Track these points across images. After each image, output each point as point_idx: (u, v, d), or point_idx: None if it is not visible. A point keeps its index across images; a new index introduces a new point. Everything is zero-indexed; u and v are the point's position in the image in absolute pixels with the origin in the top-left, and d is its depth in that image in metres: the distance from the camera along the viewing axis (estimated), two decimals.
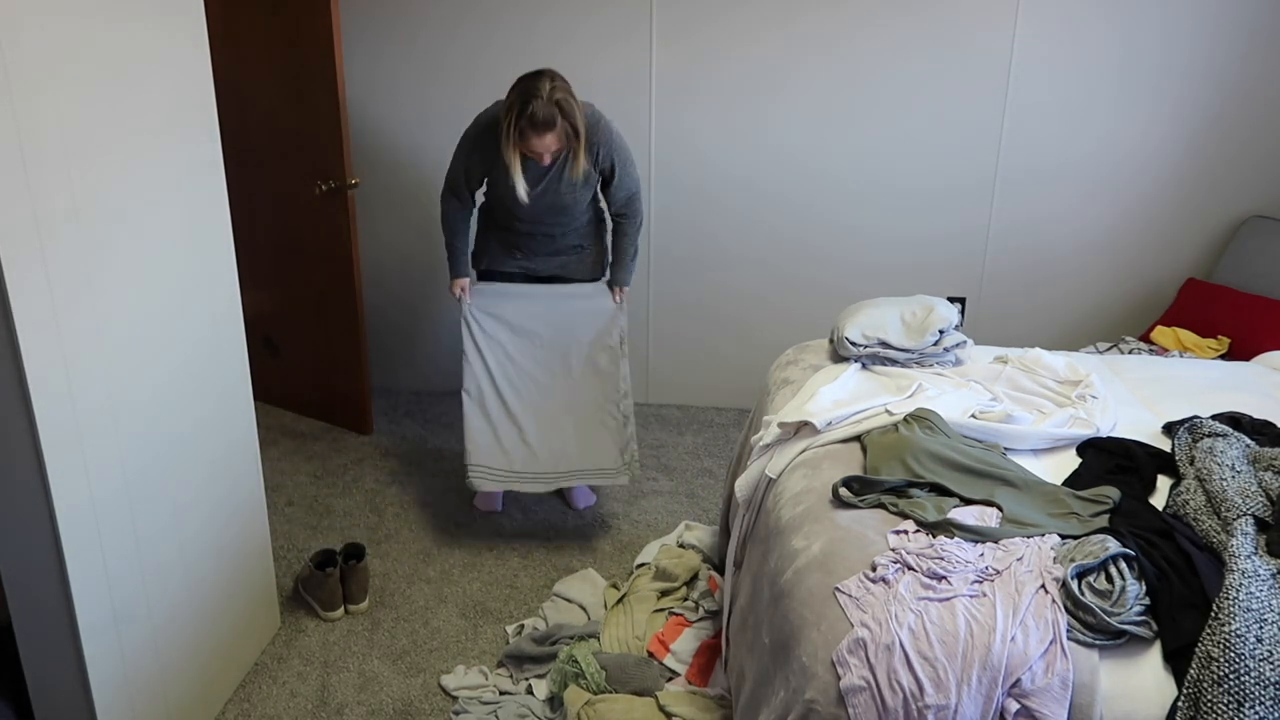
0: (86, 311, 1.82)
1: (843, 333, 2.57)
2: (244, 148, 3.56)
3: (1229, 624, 1.50)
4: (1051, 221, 3.70)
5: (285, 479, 3.46)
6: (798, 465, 2.13)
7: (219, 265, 2.28)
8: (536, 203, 2.84)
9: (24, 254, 1.65)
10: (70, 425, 1.79)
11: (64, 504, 1.79)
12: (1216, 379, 2.62)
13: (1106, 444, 2.15)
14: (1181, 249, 3.72)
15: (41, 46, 1.66)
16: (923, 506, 1.88)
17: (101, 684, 1.95)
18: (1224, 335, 3.34)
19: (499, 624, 2.72)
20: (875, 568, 1.71)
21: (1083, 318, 3.84)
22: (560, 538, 3.13)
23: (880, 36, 3.50)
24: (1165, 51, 3.46)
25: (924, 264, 3.78)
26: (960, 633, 1.56)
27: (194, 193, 2.16)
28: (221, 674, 2.39)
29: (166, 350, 2.09)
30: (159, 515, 2.10)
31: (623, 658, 2.43)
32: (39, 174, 1.67)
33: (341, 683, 2.49)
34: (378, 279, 4.01)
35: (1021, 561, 1.71)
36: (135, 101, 1.93)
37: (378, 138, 3.80)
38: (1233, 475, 1.90)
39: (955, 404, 2.28)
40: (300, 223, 3.58)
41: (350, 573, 2.73)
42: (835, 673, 1.57)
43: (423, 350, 4.12)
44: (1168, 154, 3.60)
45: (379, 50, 3.68)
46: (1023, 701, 1.52)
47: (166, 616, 2.15)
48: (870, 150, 3.66)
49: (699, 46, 3.58)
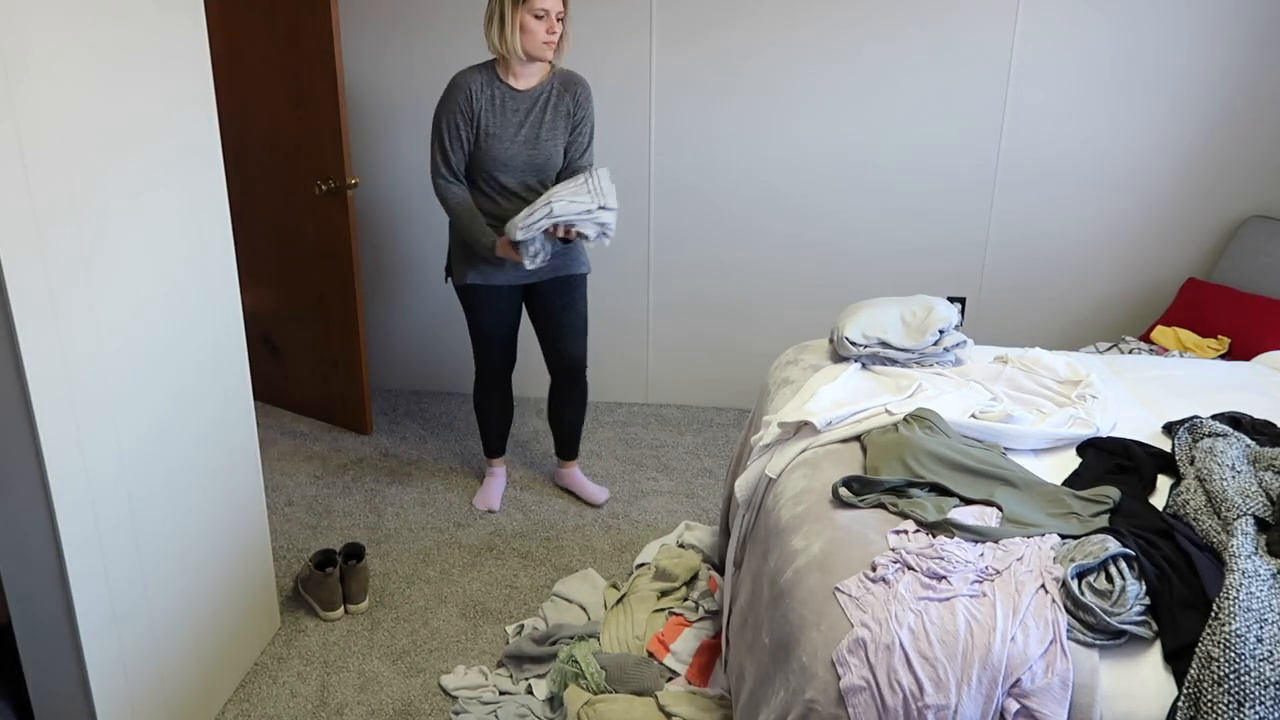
0: (86, 311, 1.82)
1: (843, 333, 2.57)
2: (244, 148, 3.57)
3: (1229, 624, 1.50)
4: (1051, 221, 3.71)
5: (285, 479, 3.46)
6: (798, 465, 2.13)
7: (219, 265, 2.28)
8: (520, 152, 2.82)
9: (24, 254, 1.65)
10: (70, 425, 1.79)
11: (64, 504, 1.79)
12: (1216, 379, 2.62)
13: (1106, 444, 2.15)
14: (1181, 249, 3.72)
15: (41, 46, 1.66)
16: (923, 506, 1.88)
17: (101, 684, 1.95)
18: (1224, 335, 3.33)
19: (499, 624, 2.72)
20: (875, 568, 1.71)
21: (1083, 318, 3.84)
22: (560, 538, 3.13)
23: (880, 37, 3.50)
24: (1165, 51, 3.46)
25: (924, 264, 3.78)
26: (960, 633, 1.56)
27: (194, 192, 2.16)
28: (221, 674, 2.39)
29: (166, 350, 2.09)
30: (159, 515, 2.10)
31: (623, 658, 2.43)
32: (39, 173, 1.67)
33: (341, 683, 2.49)
34: (378, 279, 4.01)
35: (1021, 561, 1.71)
36: (135, 101, 1.93)
37: (378, 138, 3.80)
38: (1233, 475, 1.90)
39: (955, 404, 2.28)
40: (300, 223, 3.58)
41: (350, 573, 2.72)
42: (835, 673, 1.57)
43: (423, 350, 4.12)
44: (1168, 154, 3.60)
45: (379, 50, 3.69)
46: (1023, 701, 1.52)
47: (166, 616, 2.15)
48: (870, 150, 3.66)
49: (699, 47, 3.58)
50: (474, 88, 2.78)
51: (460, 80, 2.80)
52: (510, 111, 2.81)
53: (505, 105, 2.80)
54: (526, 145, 2.82)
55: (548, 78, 2.85)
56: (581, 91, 2.88)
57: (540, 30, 2.70)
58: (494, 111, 2.80)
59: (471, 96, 2.78)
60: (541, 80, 2.84)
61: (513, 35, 2.70)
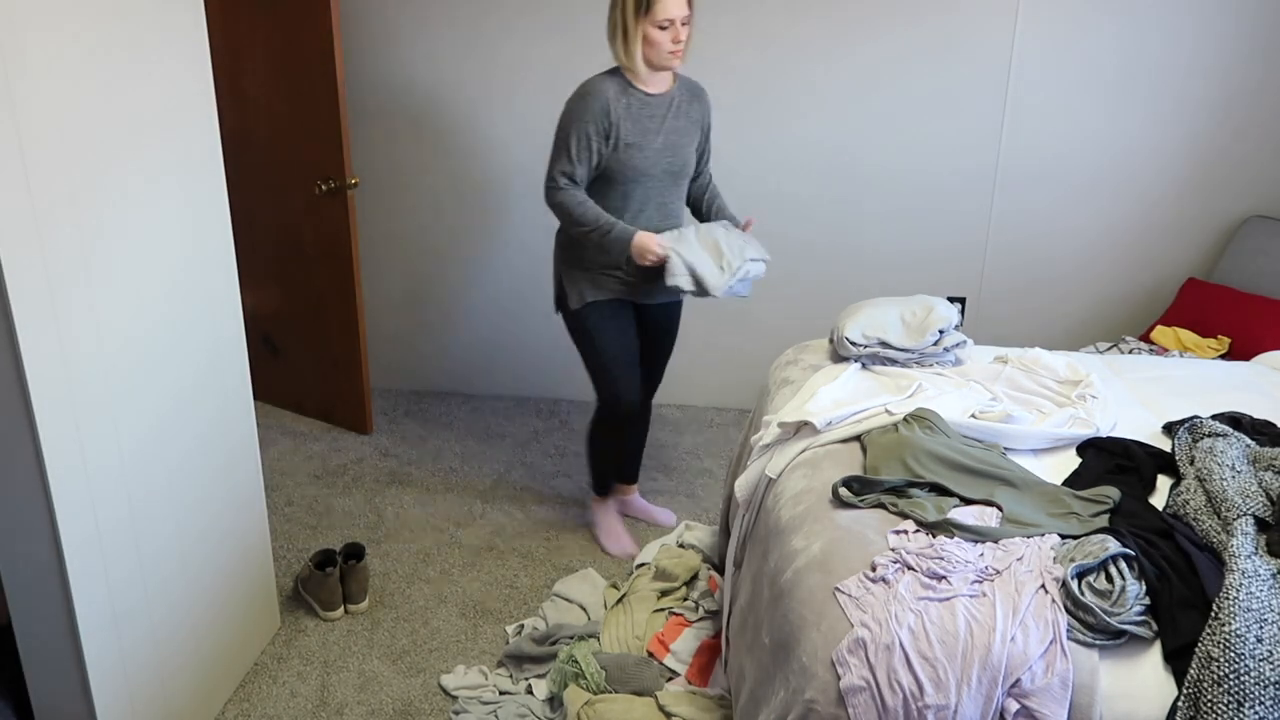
0: (86, 311, 1.82)
1: (843, 332, 2.57)
2: (244, 147, 3.56)
3: (1229, 624, 1.50)
4: (1052, 221, 3.70)
5: (285, 479, 3.46)
6: (798, 465, 2.13)
7: (219, 265, 2.28)
8: (659, 161, 2.68)
9: (24, 253, 1.65)
10: (70, 425, 1.79)
11: (64, 504, 1.79)
12: (1216, 379, 2.62)
13: (1106, 444, 2.15)
14: (1181, 249, 3.72)
15: (41, 45, 1.66)
16: (923, 506, 1.88)
17: (101, 684, 1.95)
18: (1224, 335, 3.33)
19: (499, 624, 2.72)
20: (875, 568, 1.71)
21: (1083, 318, 3.84)
22: (560, 538, 3.13)
23: (880, 37, 3.50)
24: (1165, 51, 3.46)
25: (924, 264, 3.78)
26: (960, 633, 1.56)
27: (194, 192, 2.16)
28: (221, 674, 2.39)
29: (166, 350, 2.09)
30: (159, 515, 2.10)
31: (623, 658, 2.43)
32: (39, 173, 1.67)
33: (341, 682, 2.49)
34: (378, 279, 4.01)
35: (1021, 561, 1.71)
36: (135, 101, 1.93)
37: (378, 138, 3.80)
38: (1233, 475, 1.90)
39: (955, 404, 2.28)
40: (300, 223, 3.58)
41: (350, 573, 2.72)
42: (835, 673, 1.57)
43: (423, 350, 4.12)
44: (1168, 154, 3.59)
45: (379, 50, 3.69)
46: (1023, 701, 1.52)
47: (166, 616, 2.15)
48: (870, 150, 3.66)
49: (698, 48, 3.57)
50: (610, 95, 2.60)
51: (595, 88, 2.62)
52: (646, 119, 2.66)
53: (641, 113, 2.65)
54: (665, 153, 2.69)
55: (674, 82, 2.74)
56: (707, 98, 2.83)
57: (665, 40, 2.56)
58: (631, 120, 2.63)
59: (609, 105, 2.60)
60: (671, 85, 2.73)
61: (636, 48, 2.58)
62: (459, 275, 3.97)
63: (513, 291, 3.96)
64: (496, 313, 4.00)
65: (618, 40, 2.62)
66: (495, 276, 3.95)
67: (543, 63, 3.62)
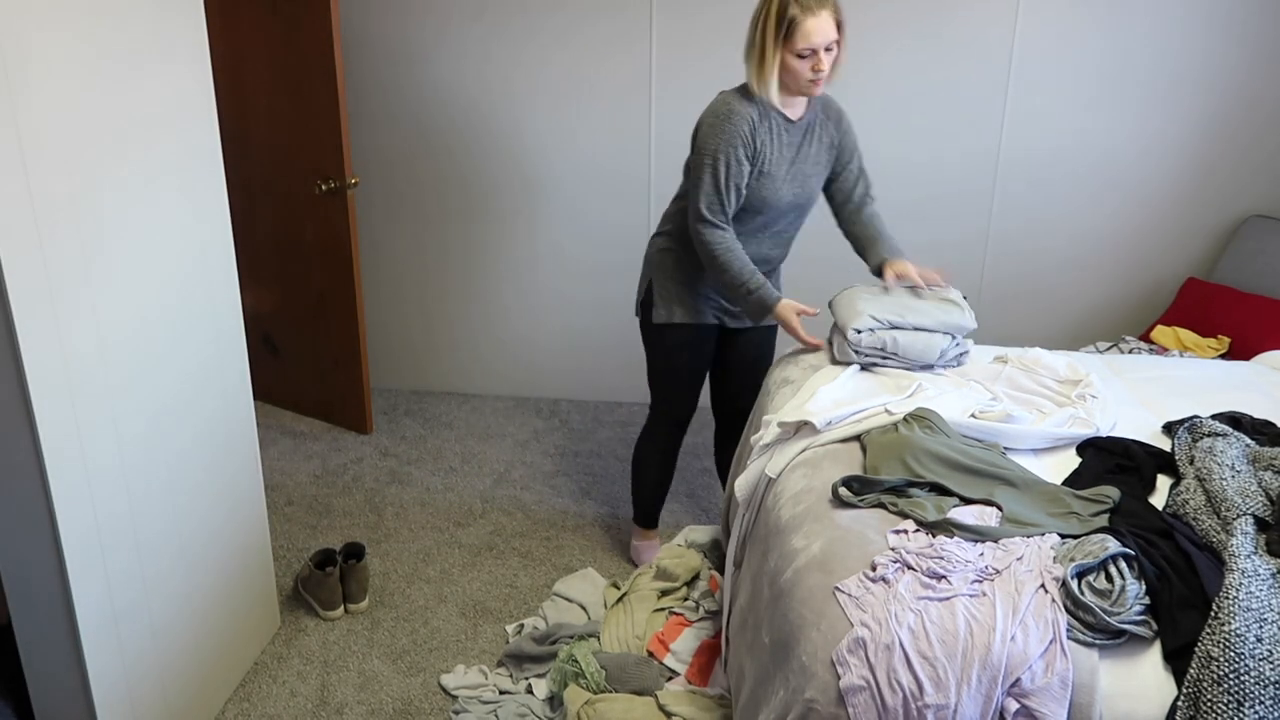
0: (86, 311, 1.82)
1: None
2: (244, 148, 3.57)
3: (1229, 623, 1.50)
4: (1051, 221, 3.70)
5: (285, 479, 3.46)
6: (797, 465, 2.13)
7: (219, 265, 2.28)
8: (786, 193, 2.50)
9: (24, 254, 1.65)
10: (70, 425, 1.79)
11: (64, 504, 1.79)
12: (1216, 379, 2.62)
13: (1106, 443, 2.15)
14: (1181, 249, 3.72)
15: (42, 45, 1.66)
16: (922, 506, 1.88)
17: (101, 684, 1.95)
18: (1224, 335, 3.33)
19: (499, 623, 2.72)
20: (875, 567, 1.71)
21: (1083, 318, 3.84)
22: (560, 537, 3.13)
23: (880, 37, 3.50)
24: (1165, 51, 3.46)
25: (924, 263, 3.76)
26: (960, 632, 1.56)
27: (194, 192, 2.16)
28: (221, 673, 2.39)
29: (166, 350, 2.09)
30: (159, 515, 2.10)
31: (623, 657, 2.43)
32: (39, 173, 1.67)
33: (341, 682, 2.49)
34: (378, 279, 4.01)
35: (1021, 561, 1.71)
36: (135, 101, 1.93)
37: (378, 138, 3.80)
38: (1233, 475, 1.90)
39: (955, 404, 2.28)
40: (300, 223, 3.58)
41: (350, 572, 2.73)
42: (835, 672, 1.57)
43: (423, 350, 4.12)
44: (1168, 154, 3.59)
45: (379, 49, 3.69)
46: (1022, 701, 1.52)
47: (166, 616, 2.15)
48: (870, 151, 3.62)
49: (698, 49, 3.57)
50: (754, 118, 2.40)
51: (739, 108, 2.40)
52: (785, 146, 2.46)
53: (781, 139, 2.45)
54: (792, 183, 2.50)
55: (812, 104, 2.54)
56: (846, 119, 2.59)
57: (805, 70, 2.34)
58: (772, 145, 2.44)
59: (755, 128, 2.40)
60: (809, 107, 2.52)
61: (771, 77, 2.37)
62: (459, 275, 3.97)
63: (513, 291, 3.96)
64: (496, 313, 4.01)
65: (752, 63, 2.40)
66: (495, 276, 3.95)
67: (543, 63, 3.62)
